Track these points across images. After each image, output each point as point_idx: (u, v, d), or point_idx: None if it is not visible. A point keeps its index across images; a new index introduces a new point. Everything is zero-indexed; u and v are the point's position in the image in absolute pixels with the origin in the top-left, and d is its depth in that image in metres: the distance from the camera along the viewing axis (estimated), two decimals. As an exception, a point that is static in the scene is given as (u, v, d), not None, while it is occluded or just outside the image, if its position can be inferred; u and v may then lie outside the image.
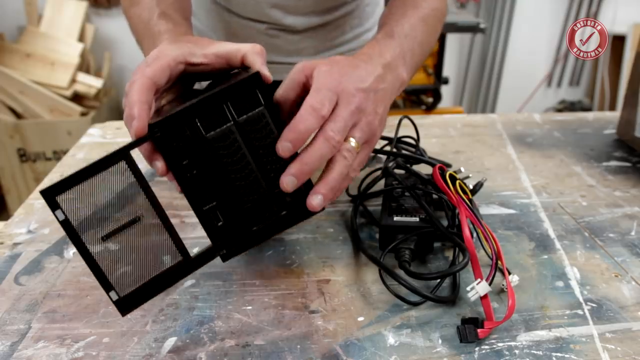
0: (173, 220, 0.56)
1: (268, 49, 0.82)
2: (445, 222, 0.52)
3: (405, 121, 0.67)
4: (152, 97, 0.41)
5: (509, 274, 0.46)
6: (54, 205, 0.35)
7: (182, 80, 0.46)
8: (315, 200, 0.41)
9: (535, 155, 0.75)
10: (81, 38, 2.21)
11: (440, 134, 0.82)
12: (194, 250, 0.52)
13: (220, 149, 0.39)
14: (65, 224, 0.36)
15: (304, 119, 0.40)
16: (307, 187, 0.42)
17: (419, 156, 0.59)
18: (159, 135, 0.38)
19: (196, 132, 0.39)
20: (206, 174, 0.40)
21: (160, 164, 0.39)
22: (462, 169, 0.60)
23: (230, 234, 0.41)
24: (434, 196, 0.54)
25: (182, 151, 0.39)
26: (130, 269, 0.38)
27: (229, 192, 0.40)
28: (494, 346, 0.41)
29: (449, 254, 0.52)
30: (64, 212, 0.36)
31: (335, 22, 0.83)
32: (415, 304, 0.45)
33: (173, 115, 0.38)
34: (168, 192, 0.63)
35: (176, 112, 0.38)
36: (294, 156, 0.41)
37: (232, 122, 0.39)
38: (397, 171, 0.57)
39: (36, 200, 0.61)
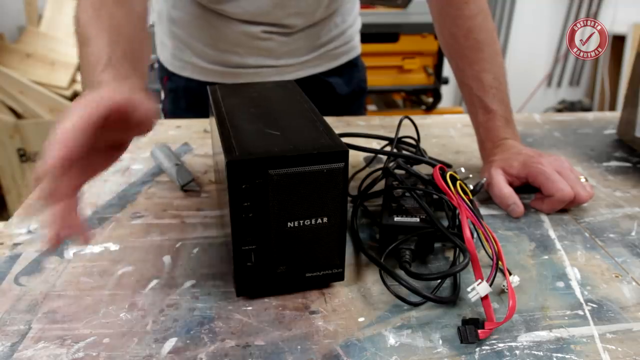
0: (173, 221, 0.57)
1: (259, 53, 0.83)
2: (445, 223, 0.52)
3: (406, 121, 0.67)
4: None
5: (510, 274, 0.46)
6: None
7: None
8: None
9: (536, 155, 0.75)
10: (81, 38, 2.20)
11: (440, 134, 0.82)
12: (194, 251, 0.52)
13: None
14: None
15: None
16: (328, 259, 0.44)
17: (420, 156, 0.59)
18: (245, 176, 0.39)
19: (267, 182, 0.39)
20: (259, 221, 0.41)
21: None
22: (463, 169, 0.60)
23: (254, 275, 0.43)
24: (435, 196, 0.54)
25: (248, 193, 0.39)
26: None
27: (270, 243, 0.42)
28: (495, 347, 0.41)
29: (450, 255, 0.52)
30: None
31: (323, 21, 0.84)
32: (415, 305, 0.45)
33: (256, 160, 0.39)
34: (168, 192, 0.63)
35: (261, 158, 0.39)
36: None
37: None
38: (397, 171, 0.57)
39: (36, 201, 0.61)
